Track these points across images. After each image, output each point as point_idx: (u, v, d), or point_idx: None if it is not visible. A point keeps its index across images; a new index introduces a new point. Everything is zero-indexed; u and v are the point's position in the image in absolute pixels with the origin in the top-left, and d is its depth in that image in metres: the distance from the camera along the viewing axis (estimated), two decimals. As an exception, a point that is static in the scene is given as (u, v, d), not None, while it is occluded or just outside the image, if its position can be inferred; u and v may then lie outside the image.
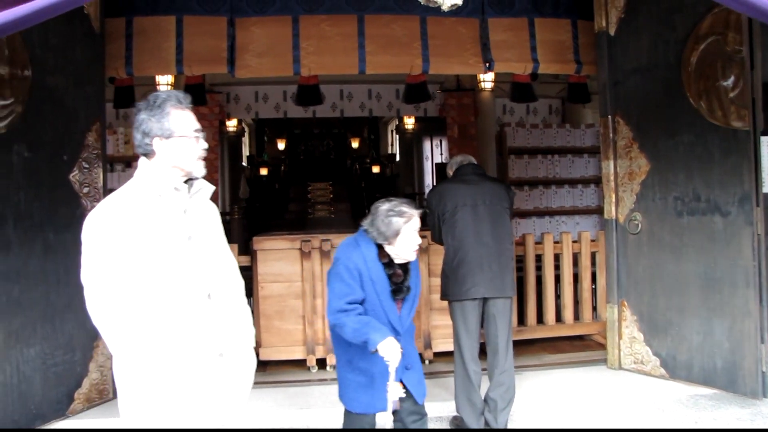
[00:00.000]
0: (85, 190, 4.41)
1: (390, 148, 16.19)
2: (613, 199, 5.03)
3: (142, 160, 2.23)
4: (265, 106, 10.43)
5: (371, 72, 5.20)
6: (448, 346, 5.09)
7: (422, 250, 5.19)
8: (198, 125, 2.24)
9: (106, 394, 4.48)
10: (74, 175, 4.34)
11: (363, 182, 15.00)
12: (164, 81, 8.82)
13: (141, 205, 2.14)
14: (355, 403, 3.04)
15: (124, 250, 2.07)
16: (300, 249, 5.11)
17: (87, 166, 4.45)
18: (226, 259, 2.37)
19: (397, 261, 3.03)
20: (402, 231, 2.95)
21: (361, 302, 2.94)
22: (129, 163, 8.76)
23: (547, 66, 5.46)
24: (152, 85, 8.43)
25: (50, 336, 4.11)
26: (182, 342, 2.12)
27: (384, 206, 3.02)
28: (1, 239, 3.85)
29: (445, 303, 4.14)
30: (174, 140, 2.17)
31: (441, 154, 14.30)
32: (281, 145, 17.54)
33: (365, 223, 3.05)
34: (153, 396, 2.10)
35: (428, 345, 5.21)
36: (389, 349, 2.77)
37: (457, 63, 5.32)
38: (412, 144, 14.71)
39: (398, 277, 3.02)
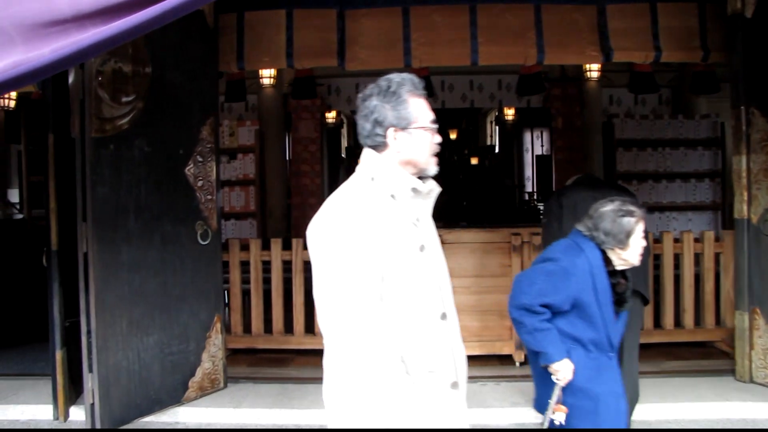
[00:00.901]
0: (200, 183, 4.46)
1: (489, 139, 15.83)
2: (745, 198, 4.58)
3: (369, 154, 1.88)
4: (366, 98, 10.34)
5: (484, 63, 4.98)
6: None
7: (536, 248, 4.96)
8: (433, 115, 1.91)
9: (217, 384, 4.53)
10: (189, 169, 4.39)
11: (461, 174, 14.74)
12: (267, 74, 8.95)
13: (374, 207, 1.78)
14: None
15: (368, 260, 1.72)
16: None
17: (201, 159, 4.50)
18: (448, 272, 2.00)
19: (619, 268, 2.68)
20: (635, 231, 2.62)
21: (554, 312, 2.61)
22: (234, 154, 8.94)
23: (670, 54, 5.04)
24: (255, 78, 8.51)
25: (167, 325, 4.19)
26: (422, 369, 1.80)
27: (609, 207, 2.67)
28: (123, 231, 3.94)
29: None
30: (411, 131, 1.84)
31: (542, 145, 13.83)
32: (379, 137, 17.36)
33: (583, 227, 2.71)
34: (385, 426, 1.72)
35: (520, 345, 4.94)
36: (564, 371, 2.54)
37: (574, 53, 5.01)
38: (512, 135, 14.29)
39: (621, 287, 2.67)
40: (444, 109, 11.12)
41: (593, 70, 9.81)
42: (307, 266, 5.17)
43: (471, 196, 13.98)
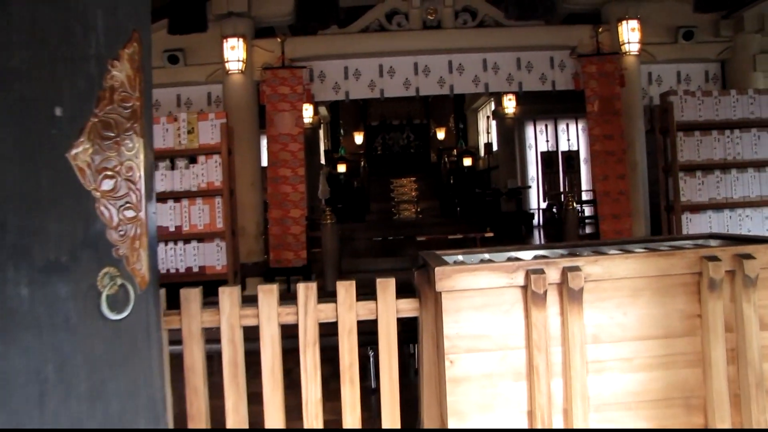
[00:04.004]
0: (105, 184, 1.89)
1: (486, 136, 13.53)
2: None
3: None
4: (357, 84, 7.88)
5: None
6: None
7: (749, 283, 2.55)
8: None
9: None
10: (78, 152, 1.82)
11: (452, 177, 12.42)
12: (234, 57, 6.44)
13: None
14: None
15: None
16: (524, 287, 2.49)
17: (112, 133, 1.93)
18: None
19: None
20: None
21: None
22: (193, 158, 6.40)
23: None
24: (219, 63, 5.92)
25: None
26: None
27: None
28: None
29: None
30: None
31: (546, 141, 11.62)
32: (359, 139, 15.04)
33: None
34: None
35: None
36: None
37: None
38: (512, 131, 12.02)
39: None
40: (426, 103, 8.85)
41: (633, 42, 7.94)
42: (326, 330, 2.65)
43: (466, 203, 11.68)
